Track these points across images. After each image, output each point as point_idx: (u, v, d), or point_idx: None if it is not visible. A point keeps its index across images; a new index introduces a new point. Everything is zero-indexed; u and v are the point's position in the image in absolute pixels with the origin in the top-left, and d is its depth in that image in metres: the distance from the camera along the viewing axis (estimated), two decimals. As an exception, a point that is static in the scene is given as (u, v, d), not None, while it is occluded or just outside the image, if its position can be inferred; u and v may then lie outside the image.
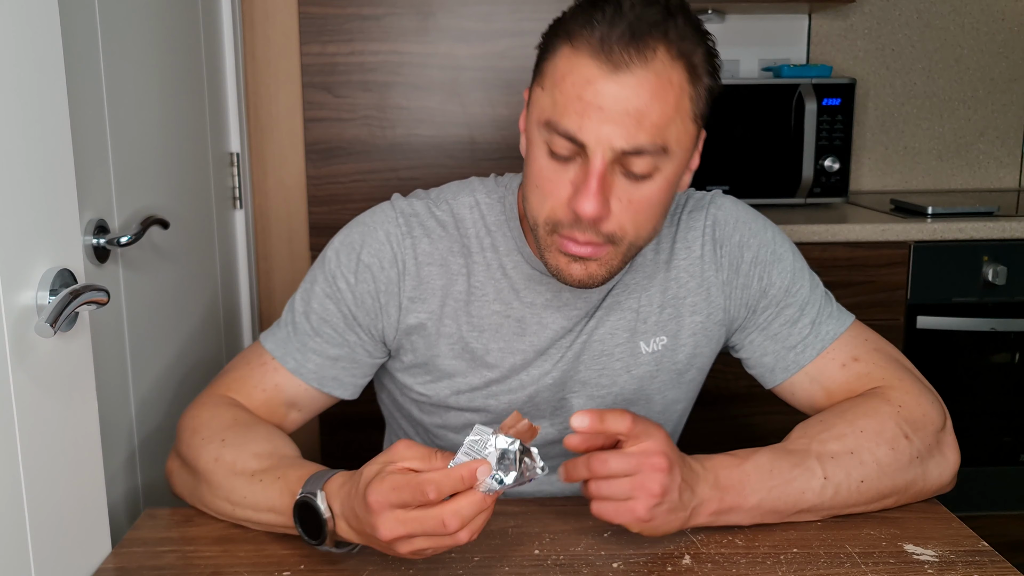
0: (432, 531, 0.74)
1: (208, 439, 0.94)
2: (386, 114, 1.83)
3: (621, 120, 0.82)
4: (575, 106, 0.83)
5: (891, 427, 0.92)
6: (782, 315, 1.02)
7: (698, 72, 0.86)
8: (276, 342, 1.03)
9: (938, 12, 2.45)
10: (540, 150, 0.88)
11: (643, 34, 0.82)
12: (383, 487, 0.75)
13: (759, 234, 1.04)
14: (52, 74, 0.79)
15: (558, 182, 0.87)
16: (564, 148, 0.85)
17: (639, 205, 0.87)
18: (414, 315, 1.01)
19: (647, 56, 0.82)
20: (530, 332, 1.01)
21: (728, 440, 2.00)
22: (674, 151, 0.86)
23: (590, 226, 0.86)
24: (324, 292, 1.01)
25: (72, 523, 0.83)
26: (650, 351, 1.03)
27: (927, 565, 0.84)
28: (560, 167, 0.87)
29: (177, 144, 1.35)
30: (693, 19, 0.87)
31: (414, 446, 0.78)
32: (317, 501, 0.81)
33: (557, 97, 0.85)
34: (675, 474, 0.82)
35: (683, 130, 0.86)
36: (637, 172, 0.85)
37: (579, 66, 0.83)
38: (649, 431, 0.83)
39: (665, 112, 0.83)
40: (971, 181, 2.55)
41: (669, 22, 0.83)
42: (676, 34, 0.84)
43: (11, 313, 0.73)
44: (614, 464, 0.81)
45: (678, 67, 0.84)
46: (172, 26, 1.35)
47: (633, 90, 0.82)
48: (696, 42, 0.86)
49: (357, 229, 1.02)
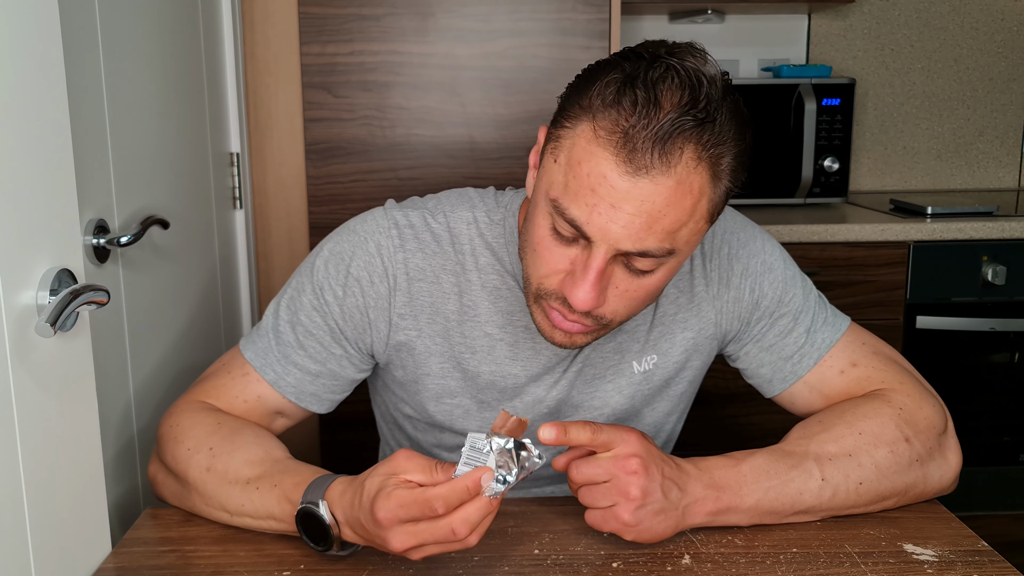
0: (443, 540, 0.75)
1: (195, 449, 0.92)
2: (386, 114, 1.84)
3: (631, 223, 0.77)
4: (587, 198, 0.78)
5: (891, 429, 0.92)
6: (776, 326, 1.01)
7: (722, 174, 0.80)
8: (256, 352, 1.00)
9: (937, 12, 2.45)
10: (544, 220, 0.83)
11: (674, 137, 0.75)
12: (390, 504, 0.75)
13: (748, 244, 1.02)
14: (52, 74, 0.79)
15: (558, 254, 0.83)
16: (568, 231, 0.81)
17: (636, 295, 0.84)
18: (404, 332, 0.98)
19: (671, 161, 0.76)
20: (522, 356, 0.99)
21: (727, 440, 2.00)
22: (682, 251, 0.82)
23: (583, 313, 0.84)
24: (311, 304, 0.98)
25: (72, 523, 0.83)
26: (642, 370, 1.02)
27: (927, 565, 0.84)
28: (561, 245, 0.83)
29: (177, 144, 1.35)
30: (734, 109, 0.80)
31: (415, 456, 0.77)
32: (320, 511, 0.81)
33: (570, 181, 0.79)
34: (652, 474, 0.82)
35: (694, 231, 0.81)
36: (641, 268, 0.82)
37: (596, 156, 0.77)
38: (619, 437, 0.82)
39: (679, 218, 0.78)
40: (970, 181, 2.55)
41: (706, 125, 0.76)
42: (711, 138, 0.77)
43: (11, 313, 0.73)
44: (587, 471, 0.82)
45: (702, 170, 0.78)
46: (172, 26, 1.35)
47: (648, 194, 0.76)
48: (731, 144, 0.79)
49: (348, 238, 0.98)
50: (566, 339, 0.88)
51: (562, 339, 0.88)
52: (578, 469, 0.82)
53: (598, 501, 0.82)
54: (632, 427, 0.86)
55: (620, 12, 1.84)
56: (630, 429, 0.84)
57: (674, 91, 0.76)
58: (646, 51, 0.80)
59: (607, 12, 1.80)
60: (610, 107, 0.77)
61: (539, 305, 0.88)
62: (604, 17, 1.79)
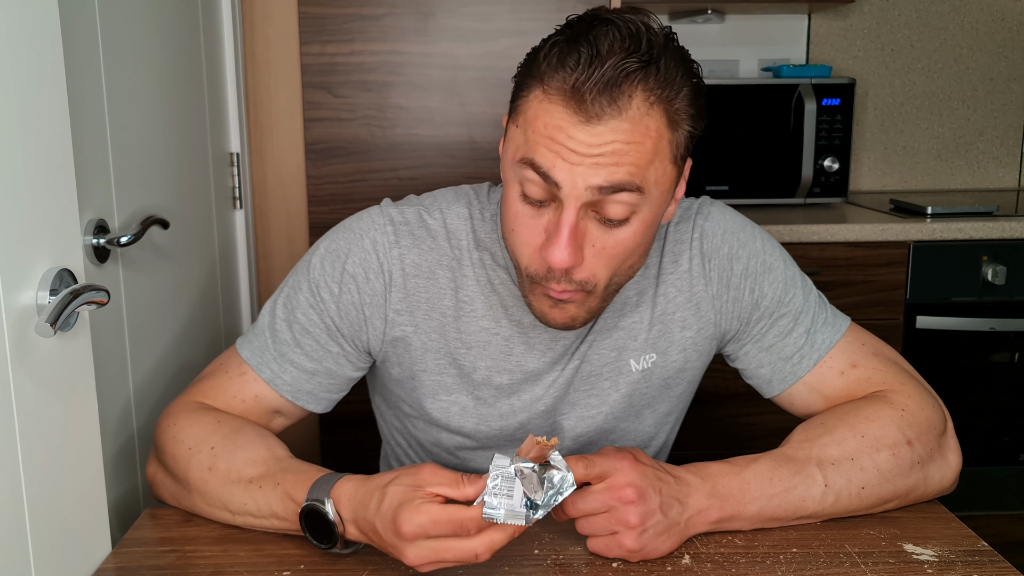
0: (461, 559, 0.76)
1: (195, 448, 0.92)
2: (386, 114, 1.84)
3: (596, 162, 0.79)
4: (548, 145, 0.80)
5: (893, 432, 0.92)
6: (776, 326, 1.01)
7: (678, 117, 0.82)
8: (252, 350, 1.00)
9: (938, 12, 2.46)
10: (514, 192, 0.85)
11: (619, 83, 0.78)
12: (420, 519, 0.75)
13: (748, 244, 1.01)
14: (52, 74, 0.79)
15: (533, 228, 0.85)
16: (537, 191, 0.82)
17: (613, 251, 0.85)
18: (400, 328, 0.98)
19: (621, 105, 0.78)
20: (517, 352, 0.99)
21: (727, 440, 2.00)
22: (651, 192, 0.83)
23: (562, 275, 0.84)
24: (307, 301, 0.98)
25: (72, 523, 0.83)
26: (640, 369, 1.01)
27: (927, 565, 0.84)
28: (534, 212, 0.84)
29: (177, 144, 1.35)
30: (679, 56, 0.82)
31: (440, 471, 0.78)
32: (326, 508, 0.81)
33: (530, 136, 0.81)
34: (649, 500, 0.82)
35: (661, 172, 0.83)
36: (612, 217, 0.82)
37: (551, 112, 0.80)
38: (612, 466, 0.82)
39: (643, 155, 0.80)
40: (970, 181, 2.55)
41: (650, 68, 0.79)
42: (656, 80, 0.79)
43: (11, 313, 0.73)
44: (583, 506, 0.82)
45: (656, 113, 0.80)
46: (172, 26, 1.35)
47: (608, 140, 0.79)
48: (680, 84, 0.81)
49: (343, 235, 0.99)
50: (563, 316, 0.89)
51: (561, 317, 0.89)
52: (575, 505, 0.82)
53: (598, 532, 0.83)
54: (622, 449, 0.85)
55: (620, 12, 1.84)
56: (622, 454, 0.84)
57: (614, 41, 0.79)
58: (587, 15, 0.83)
59: (607, 12, 1.79)
60: (556, 69, 0.80)
61: (532, 290, 0.89)
62: (604, 17, 1.79)
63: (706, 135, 0.92)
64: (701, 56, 2.42)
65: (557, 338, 0.99)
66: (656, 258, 1.01)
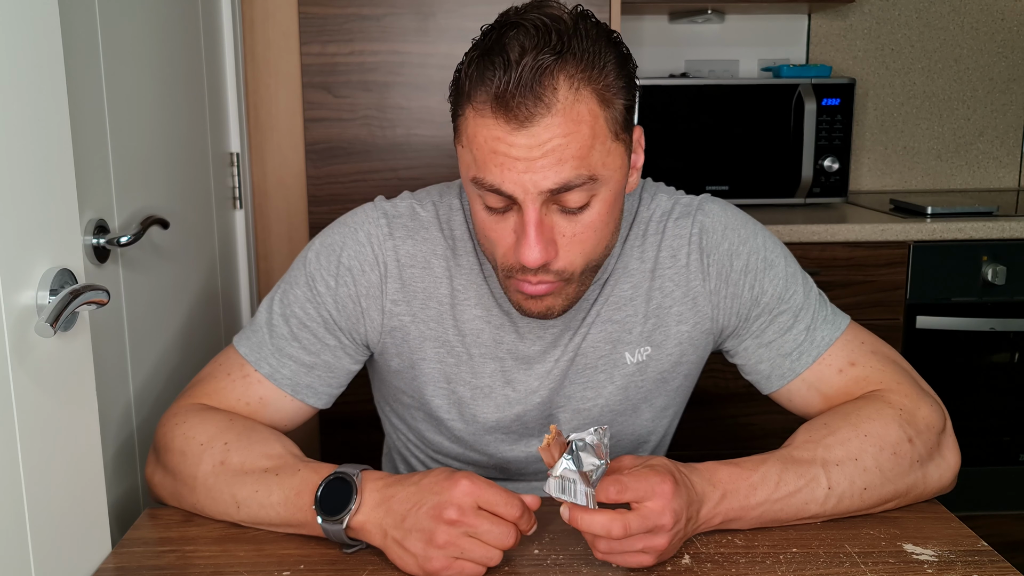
0: (498, 544, 0.81)
1: (208, 444, 0.92)
2: (386, 114, 1.83)
3: (542, 166, 0.81)
4: (493, 160, 0.82)
5: (895, 431, 0.92)
6: (776, 322, 1.01)
7: (609, 93, 0.83)
8: (251, 346, 1.00)
9: (938, 12, 2.46)
10: (477, 203, 0.88)
11: (539, 80, 0.79)
12: (469, 484, 0.80)
13: (749, 240, 1.02)
14: (52, 74, 0.80)
15: (501, 231, 0.87)
16: (496, 202, 0.85)
17: (583, 235, 0.87)
18: (398, 318, 0.99)
19: (547, 101, 0.79)
20: (507, 340, 1.00)
21: (727, 440, 2.00)
22: (604, 175, 0.84)
23: (539, 269, 0.86)
24: (304, 296, 0.99)
25: (72, 523, 0.83)
26: (635, 361, 1.02)
27: (926, 565, 0.84)
28: (499, 218, 0.87)
29: (177, 144, 1.35)
30: (595, 32, 0.83)
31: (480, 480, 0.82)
32: (354, 478, 0.84)
33: (475, 154, 0.84)
34: (680, 522, 0.81)
35: (606, 152, 0.84)
36: (573, 206, 0.84)
37: (486, 126, 0.82)
38: (651, 491, 0.79)
39: (582, 143, 0.81)
40: (970, 181, 2.55)
41: (565, 56, 0.80)
42: (575, 64, 0.80)
43: (11, 313, 0.73)
44: (614, 529, 0.78)
45: (585, 96, 0.81)
46: (172, 26, 1.35)
47: (544, 139, 0.80)
48: (602, 60, 0.82)
49: (338, 230, 1.01)
50: (541, 306, 0.90)
51: (538, 308, 0.90)
52: (609, 545, 0.80)
53: (626, 557, 0.81)
54: (661, 471, 0.81)
55: (620, 12, 1.84)
56: (663, 477, 0.80)
57: (524, 41, 0.80)
58: (497, 22, 0.84)
59: (607, 12, 1.80)
60: (478, 85, 0.82)
61: (509, 283, 0.90)
62: (604, 17, 1.79)
63: (706, 135, 0.92)
64: (701, 56, 2.42)
65: (545, 326, 1.00)
66: (653, 252, 1.01)
